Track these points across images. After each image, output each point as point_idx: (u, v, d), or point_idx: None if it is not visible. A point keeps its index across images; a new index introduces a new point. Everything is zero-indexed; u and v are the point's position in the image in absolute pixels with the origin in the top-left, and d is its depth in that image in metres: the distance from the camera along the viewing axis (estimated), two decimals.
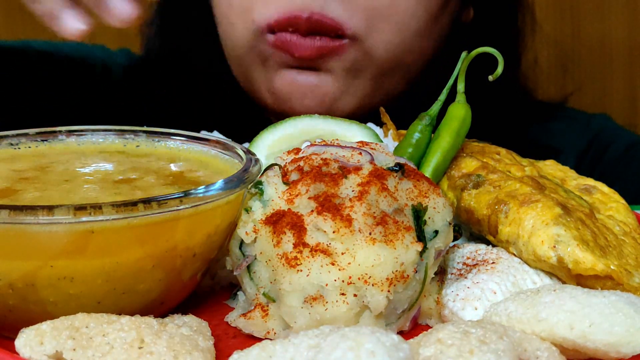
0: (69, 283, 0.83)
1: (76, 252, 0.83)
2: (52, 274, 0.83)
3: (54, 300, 0.85)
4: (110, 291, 0.86)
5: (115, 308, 0.85)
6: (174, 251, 0.87)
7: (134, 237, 0.84)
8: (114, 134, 1.09)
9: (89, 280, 0.84)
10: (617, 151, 1.77)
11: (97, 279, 0.84)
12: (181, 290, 0.94)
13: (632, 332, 0.78)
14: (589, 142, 1.80)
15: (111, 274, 0.84)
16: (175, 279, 0.90)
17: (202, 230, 0.89)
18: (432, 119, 1.14)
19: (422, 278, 0.89)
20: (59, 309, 0.84)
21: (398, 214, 0.88)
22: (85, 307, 0.84)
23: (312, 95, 1.54)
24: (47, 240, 0.82)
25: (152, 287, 0.88)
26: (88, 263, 0.83)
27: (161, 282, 0.89)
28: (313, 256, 0.85)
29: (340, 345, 0.68)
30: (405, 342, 0.71)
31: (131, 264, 0.85)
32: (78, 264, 0.83)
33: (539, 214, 0.97)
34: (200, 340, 0.81)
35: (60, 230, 0.81)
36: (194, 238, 0.89)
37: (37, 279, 0.83)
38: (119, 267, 0.84)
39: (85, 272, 0.84)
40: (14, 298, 0.85)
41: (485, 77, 1.08)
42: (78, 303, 0.85)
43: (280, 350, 0.74)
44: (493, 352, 0.73)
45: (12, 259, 0.83)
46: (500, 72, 1.08)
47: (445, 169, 1.11)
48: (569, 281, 0.94)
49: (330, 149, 0.95)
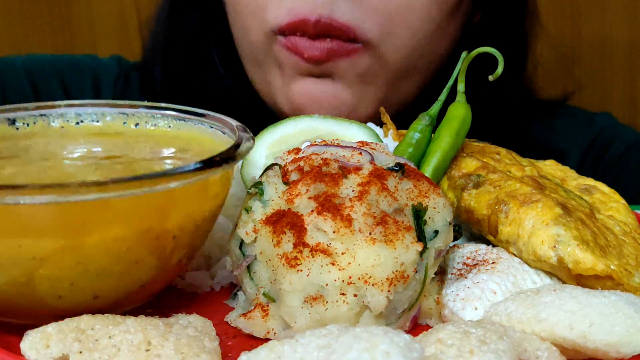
0: (38, 263, 0.80)
1: (44, 231, 0.79)
2: (20, 254, 0.80)
3: (25, 280, 0.82)
4: (83, 272, 0.82)
5: (91, 290, 0.82)
6: (150, 233, 0.83)
7: (106, 216, 0.80)
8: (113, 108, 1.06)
9: (59, 261, 0.80)
10: (620, 149, 1.77)
11: (67, 260, 0.81)
12: (162, 273, 0.90)
13: (632, 332, 0.78)
14: (591, 141, 1.80)
15: (82, 255, 0.81)
16: (155, 262, 0.86)
17: (179, 211, 0.85)
18: (432, 119, 1.14)
19: (422, 278, 0.89)
20: (31, 289, 0.82)
21: (398, 214, 0.88)
22: (58, 288, 0.81)
23: (329, 106, 1.53)
24: (15, 219, 0.79)
25: (129, 270, 0.84)
26: (57, 242, 0.80)
27: (138, 264, 0.85)
28: (313, 256, 0.85)
29: (355, 346, 0.68)
30: (417, 342, 0.71)
31: (103, 244, 0.81)
32: (47, 243, 0.80)
33: (539, 214, 0.97)
34: (207, 341, 0.81)
35: (27, 208, 0.78)
36: (171, 220, 0.85)
37: (5, 258, 0.80)
38: (91, 248, 0.81)
39: (54, 253, 0.80)
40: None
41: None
42: (50, 284, 0.82)
43: (288, 351, 0.74)
44: (493, 352, 0.73)
45: None
46: (500, 72, 1.08)
47: (445, 169, 1.11)
48: (569, 281, 0.94)
49: (330, 149, 0.95)
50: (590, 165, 1.76)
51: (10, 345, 0.85)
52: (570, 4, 2.39)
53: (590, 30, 2.39)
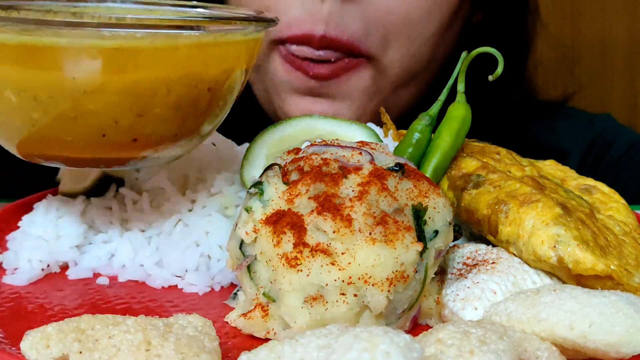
0: (89, 97, 0.87)
1: (98, 66, 0.86)
2: (74, 87, 0.87)
3: (75, 115, 0.88)
4: (127, 111, 0.89)
5: (131, 131, 0.90)
6: (189, 79, 0.91)
7: (153, 58, 0.88)
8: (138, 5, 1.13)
9: (108, 96, 0.88)
10: (620, 150, 1.77)
11: (115, 96, 0.88)
12: (193, 127, 0.97)
13: (632, 332, 0.78)
14: (592, 141, 1.80)
15: (129, 92, 0.88)
16: (190, 110, 0.94)
17: (217, 63, 0.92)
18: (432, 119, 1.14)
19: (422, 278, 0.89)
20: (78, 125, 0.89)
21: (398, 214, 0.88)
22: (103, 126, 0.89)
23: None
24: (72, 53, 0.86)
25: (167, 115, 0.92)
26: (108, 78, 0.87)
27: (176, 111, 0.92)
28: (313, 256, 0.85)
29: (354, 346, 0.68)
30: (417, 342, 0.71)
31: (148, 84, 0.89)
32: (99, 78, 0.87)
33: (539, 214, 0.97)
34: (207, 341, 0.81)
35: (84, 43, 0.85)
36: (209, 70, 0.92)
37: (60, 90, 0.87)
38: (136, 86, 0.88)
39: (105, 88, 0.87)
40: (38, 110, 0.89)
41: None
42: (97, 121, 0.89)
43: (288, 351, 0.74)
44: (493, 352, 0.73)
45: (37, 68, 0.87)
46: (500, 72, 1.08)
47: (445, 169, 1.11)
48: (569, 281, 0.94)
49: (330, 149, 0.95)
50: (590, 165, 1.76)
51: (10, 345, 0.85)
52: (571, 4, 2.40)
53: (590, 30, 2.39)
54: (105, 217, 1.13)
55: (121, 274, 1.07)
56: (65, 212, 1.14)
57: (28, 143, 0.94)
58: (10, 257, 1.09)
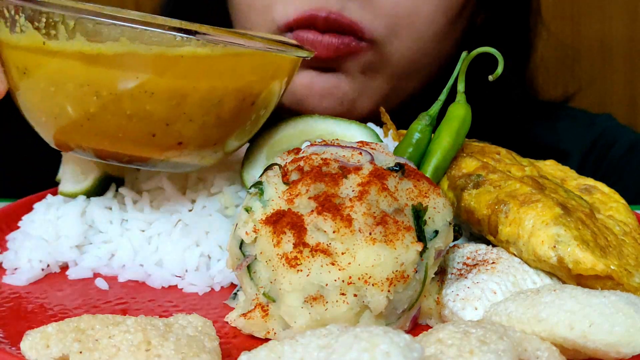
0: (148, 98, 0.92)
1: (163, 70, 0.91)
2: (136, 86, 0.91)
3: (131, 113, 0.92)
4: (179, 115, 0.94)
5: (179, 134, 0.95)
6: (242, 92, 0.96)
7: (216, 68, 0.93)
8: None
9: (166, 99, 0.92)
10: (621, 150, 1.77)
11: (172, 100, 0.92)
12: (230, 137, 1.02)
13: (632, 332, 0.78)
14: (592, 142, 1.80)
15: (185, 98, 0.93)
16: (232, 121, 0.99)
17: (266, 80, 0.99)
18: (432, 119, 1.14)
19: (422, 278, 0.89)
20: (132, 124, 0.93)
21: (398, 214, 0.88)
22: (155, 126, 0.93)
23: (330, 97, 1.54)
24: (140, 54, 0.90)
25: (213, 123, 0.97)
26: (170, 82, 0.91)
27: (221, 120, 0.97)
28: (313, 256, 0.85)
29: (354, 346, 0.68)
30: (417, 342, 0.71)
31: (205, 92, 0.93)
32: (162, 81, 0.91)
33: (539, 214, 0.97)
34: (207, 341, 0.81)
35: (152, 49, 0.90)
36: (258, 86, 0.98)
37: (122, 89, 0.91)
38: (194, 93, 0.93)
39: (165, 90, 0.92)
40: (96, 105, 0.92)
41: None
42: (151, 121, 0.93)
43: (288, 351, 0.74)
44: (493, 352, 0.73)
45: (103, 66, 0.91)
46: (500, 72, 1.08)
47: (445, 169, 1.11)
48: (569, 281, 0.94)
49: (330, 149, 0.95)
50: (591, 166, 1.76)
51: (10, 345, 0.85)
52: (571, 4, 2.40)
53: (590, 30, 2.39)
54: (105, 217, 1.13)
55: (121, 274, 1.07)
56: (65, 212, 1.14)
57: (72, 134, 0.98)
58: (10, 257, 1.09)
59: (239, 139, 1.06)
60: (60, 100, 0.95)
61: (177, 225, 1.09)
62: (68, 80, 0.93)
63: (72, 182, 1.17)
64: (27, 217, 1.17)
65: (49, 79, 0.94)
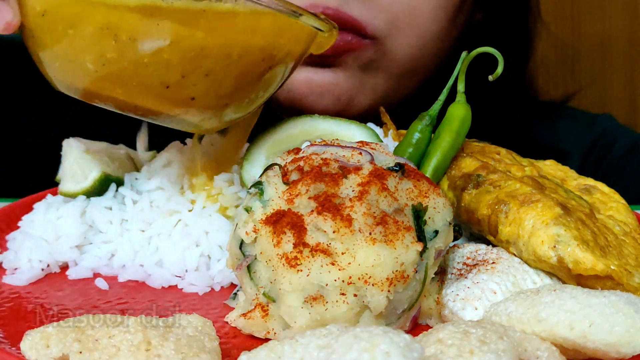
0: (165, 46, 0.90)
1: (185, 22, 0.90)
2: (155, 32, 0.89)
3: (148, 61, 0.91)
4: (197, 68, 0.93)
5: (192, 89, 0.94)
6: (262, 52, 0.95)
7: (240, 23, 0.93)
8: None
9: (183, 49, 0.91)
10: (621, 150, 1.77)
11: (191, 52, 0.91)
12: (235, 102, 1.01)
13: (632, 332, 0.78)
14: (593, 142, 1.80)
15: (203, 50, 0.92)
16: (247, 82, 0.98)
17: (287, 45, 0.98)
18: (432, 119, 1.14)
19: (422, 278, 0.89)
20: (148, 72, 0.92)
21: (398, 214, 0.88)
22: (169, 76, 0.92)
23: (328, 95, 1.54)
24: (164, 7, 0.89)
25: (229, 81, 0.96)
26: (191, 34, 0.90)
27: (237, 78, 0.96)
28: (313, 256, 0.85)
29: (354, 346, 0.68)
30: (417, 342, 0.71)
31: (226, 47, 0.92)
32: (180, 29, 0.90)
33: (539, 214, 0.97)
34: (206, 341, 0.81)
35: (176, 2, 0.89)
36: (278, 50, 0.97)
37: (140, 34, 0.89)
38: (212, 46, 0.91)
39: (182, 40, 0.90)
40: (114, 50, 0.91)
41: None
42: (165, 72, 0.92)
43: (288, 351, 0.74)
44: (493, 352, 0.73)
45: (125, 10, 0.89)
46: (500, 72, 1.08)
47: (445, 169, 1.11)
48: (569, 281, 0.94)
49: (330, 149, 0.95)
50: (591, 166, 1.76)
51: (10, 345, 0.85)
52: (571, 3, 2.40)
53: (590, 30, 2.39)
54: (105, 217, 1.13)
55: (121, 274, 1.07)
56: (65, 212, 1.14)
57: (85, 80, 0.96)
58: (10, 257, 1.10)
59: (240, 109, 1.04)
60: (77, 43, 0.93)
61: (177, 225, 1.09)
62: (88, 24, 0.92)
63: (72, 182, 1.17)
64: (27, 217, 1.17)
65: (68, 21, 0.93)
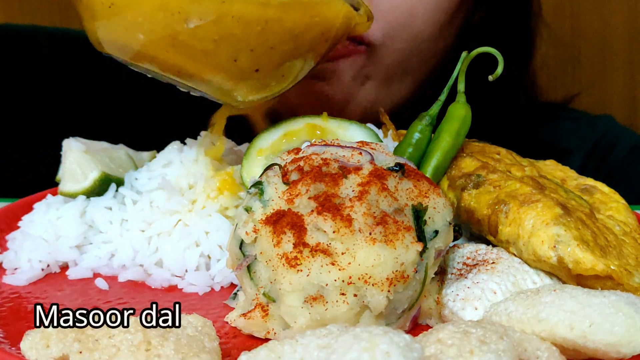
0: (235, 22, 0.94)
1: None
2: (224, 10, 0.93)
3: (218, 38, 0.95)
4: (263, 42, 0.97)
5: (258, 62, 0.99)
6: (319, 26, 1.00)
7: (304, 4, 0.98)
8: None
9: (252, 23, 0.95)
10: (623, 152, 1.77)
11: (257, 26, 0.95)
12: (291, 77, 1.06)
13: (632, 332, 0.78)
14: (594, 143, 1.80)
15: (270, 25, 0.96)
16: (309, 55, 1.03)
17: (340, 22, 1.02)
18: (432, 119, 1.14)
19: (422, 278, 0.89)
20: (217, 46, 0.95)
21: (398, 214, 0.88)
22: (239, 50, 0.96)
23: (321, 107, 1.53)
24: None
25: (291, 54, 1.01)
26: (258, 8, 0.94)
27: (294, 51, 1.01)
28: (313, 256, 0.85)
29: (354, 346, 0.68)
30: (417, 342, 0.71)
31: (289, 22, 0.96)
32: (252, 9, 0.94)
33: (539, 214, 0.97)
34: (206, 341, 0.81)
35: None
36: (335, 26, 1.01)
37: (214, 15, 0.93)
38: (279, 22, 0.96)
39: (252, 15, 0.94)
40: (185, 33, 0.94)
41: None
42: (236, 47, 0.96)
43: (288, 351, 0.74)
44: (493, 352, 0.73)
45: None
46: (500, 72, 1.08)
47: (445, 169, 1.11)
48: (569, 281, 0.94)
49: (330, 149, 0.95)
50: (593, 167, 1.76)
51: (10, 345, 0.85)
52: (571, 2, 2.39)
53: (590, 30, 2.39)
54: (105, 217, 1.13)
55: (121, 274, 1.07)
56: (65, 212, 1.14)
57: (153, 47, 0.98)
58: (10, 257, 1.10)
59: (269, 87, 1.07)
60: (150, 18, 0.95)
61: (177, 225, 1.09)
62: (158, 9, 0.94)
63: (72, 182, 1.17)
64: (27, 217, 1.17)
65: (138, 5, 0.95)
